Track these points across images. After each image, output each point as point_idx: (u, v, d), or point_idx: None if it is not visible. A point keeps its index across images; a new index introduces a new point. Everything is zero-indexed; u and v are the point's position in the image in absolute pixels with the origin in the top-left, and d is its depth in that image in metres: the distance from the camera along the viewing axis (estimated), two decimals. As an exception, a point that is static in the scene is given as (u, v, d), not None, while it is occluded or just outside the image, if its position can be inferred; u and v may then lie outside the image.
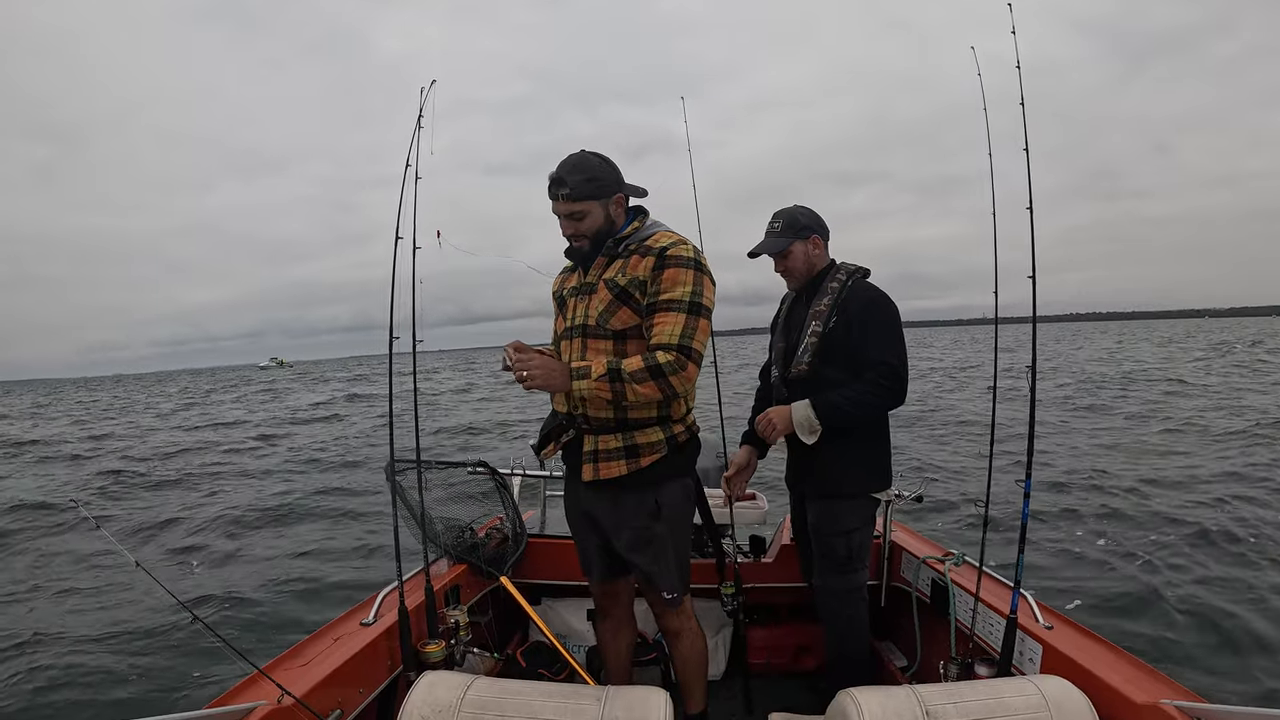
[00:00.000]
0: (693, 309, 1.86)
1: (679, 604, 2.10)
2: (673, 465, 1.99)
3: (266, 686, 1.59)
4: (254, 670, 1.64)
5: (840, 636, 2.35)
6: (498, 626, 2.70)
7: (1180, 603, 4.44)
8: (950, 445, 10.09)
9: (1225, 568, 5.06)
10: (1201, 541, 5.61)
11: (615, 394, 1.84)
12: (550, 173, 1.92)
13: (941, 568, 2.43)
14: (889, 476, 2.35)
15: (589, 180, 1.90)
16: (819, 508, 2.34)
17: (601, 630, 2.33)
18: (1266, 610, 4.28)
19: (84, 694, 3.70)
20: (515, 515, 2.89)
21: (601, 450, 1.95)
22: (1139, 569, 5.09)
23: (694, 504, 2.13)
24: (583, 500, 2.07)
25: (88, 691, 3.72)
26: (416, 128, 2.09)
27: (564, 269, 2.16)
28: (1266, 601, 4.40)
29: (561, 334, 2.05)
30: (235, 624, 4.49)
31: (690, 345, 1.84)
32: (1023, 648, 1.96)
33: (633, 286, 1.89)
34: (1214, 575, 4.94)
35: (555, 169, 1.91)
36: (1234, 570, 5.00)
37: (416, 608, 2.11)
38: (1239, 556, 5.26)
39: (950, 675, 2.11)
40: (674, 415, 1.99)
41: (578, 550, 2.21)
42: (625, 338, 1.92)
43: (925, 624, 2.54)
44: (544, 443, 2.09)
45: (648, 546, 2.00)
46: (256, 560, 5.94)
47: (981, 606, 2.17)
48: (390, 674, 2.00)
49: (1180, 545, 5.54)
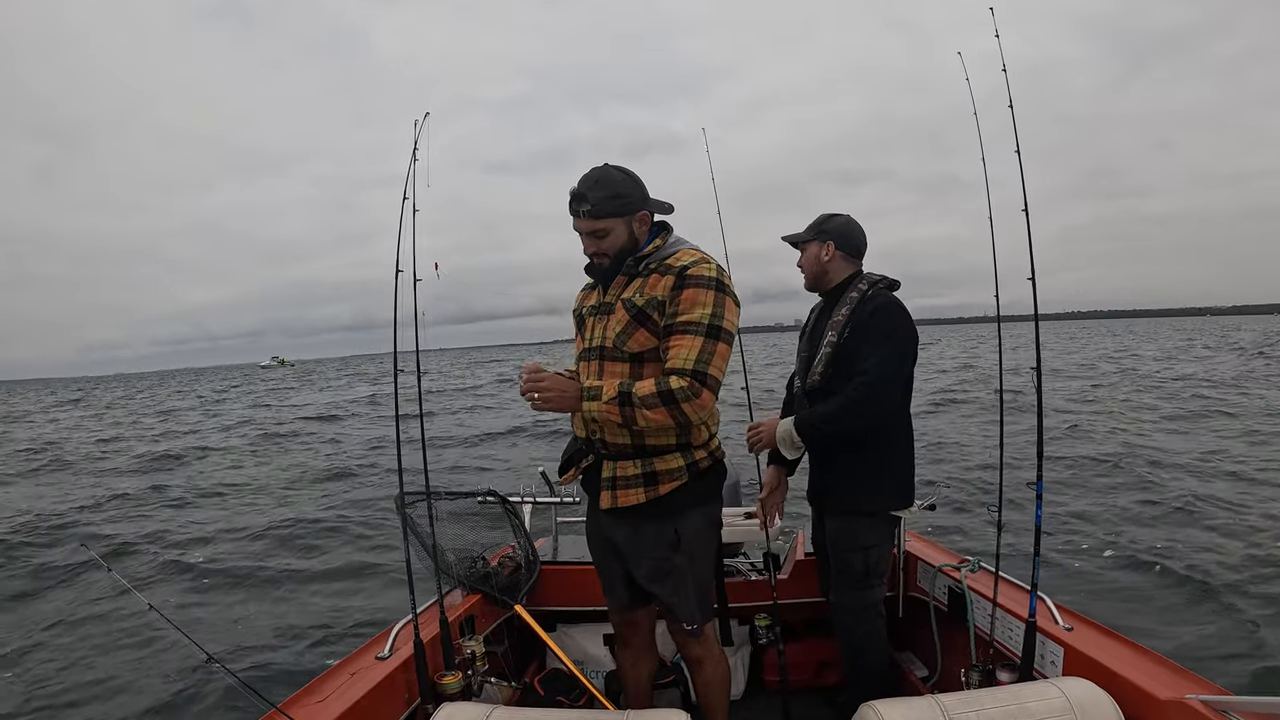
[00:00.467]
0: (711, 332, 1.76)
1: (699, 634, 2.03)
2: (694, 493, 1.91)
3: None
4: (271, 708, 1.63)
5: (857, 652, 2.33)
6: (514, 655, 2.68)
7: (1204, 596, 4.40)
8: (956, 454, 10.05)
9: (1245, 557, 5.02)
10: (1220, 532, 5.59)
11: (625, 418, 1.76)
12: (571, 188, 1.83)
13: (958, 575, 2.41)
14: (910, 494, 2.31)
15: (612, 197, 1.81)
16: (837, 524, 2.33)
17: (622, 658, 2.30)
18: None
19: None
20: (527, 543, 2.88)
21: (620, 477, 1.89)
22: (1157, 565, 5.04)
23: (718, 531, 2.05)
24: (603, 527, 2.03)
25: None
26: (412, 161, 2.09)
27: (585, 286, 2.09)
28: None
29: (580, 355, 1.99)
30: (250, 660, 4.48)
31: (706, 371, 1.74)
32: (1044, 650, 1.94)
33: (650, 307, 1.81)
34: (1234, 563, 4.90)
35: (577, 184, 1.82)
36: (1254, 560, 4.95)
37: (432, 639, 2.10)
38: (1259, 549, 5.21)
39: (972, 682, 2.09)
40: (695, 441, 1.91)
41: (600, 577, 2.16)
42: (643, 360, 1.84)
43: (944, 632, 2.52)
44: (565, 468, 2.06)
45: (668, 577, 1.94)
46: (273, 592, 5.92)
47: (1000, 611, 2.16)
48: (408, 707, 1.99)
49: (1199, 537, 5.51)
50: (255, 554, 6.96)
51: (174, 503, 9.67)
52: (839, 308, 2.27)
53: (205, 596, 5.90)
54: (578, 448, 2.01)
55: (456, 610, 2.39)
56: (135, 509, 9.30)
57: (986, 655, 2.17)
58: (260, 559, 6.77)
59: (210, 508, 9.32)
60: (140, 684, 4.20)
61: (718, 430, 2.02)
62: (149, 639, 4.79)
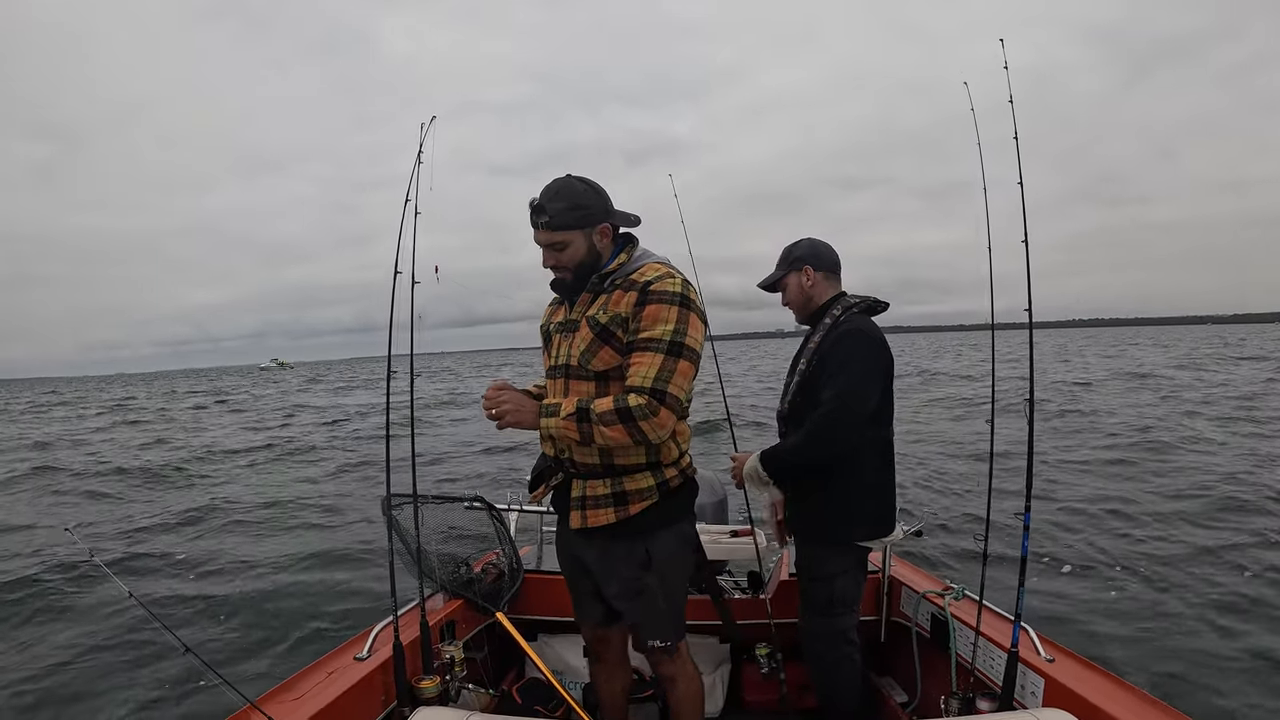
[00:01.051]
0: (673, 350, 1.73)
1: (673, 652, 2.01)
2: (665, 512, 1.89)
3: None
4: (246, 703, 1.62)
5: (827, 679, 2.30)
6: (493, 662, 2.66)
7: (1186, 631, 4.40)
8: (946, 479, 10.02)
9: (1235, 592, 5.01)
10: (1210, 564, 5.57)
11: (583, 435, 1.74)
12: (531, 198, 1.81)
13: (941, 602, 2.41)
14: (883, 524, 2.26)
15: (572, 208, 1.78)
16: (803, 551, 2.32)
17: (596, 673, 2.28)
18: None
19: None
20: (512, 551, 2.87)
21: (589, 496, 1.87)
22: (1142, 597, 5.03)
23: (691, 549, 2.03)
24: (572, 546, 2.02)
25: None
26: (416, 163, 2.08)
27: (551, 302, 2.07)
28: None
29: (547, 373, 1.97)
30: (229, 652, 4.45)
31: (665, 389, 1.71)
32: (1024, 681, 1.94)
33: (614, 324, 1.78)
34: (1224, 602, 4.89)
35: (538, 194, 1.81)
36: (1244, 595, 4.94)
37: (411, 643, 2.09)
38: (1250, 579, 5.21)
39: (951, 710, 2.08)
40: (665, 459, 1.88)
41: (571, 593, 2.16)
42: (608, 379, 1.81)
43: (925, 659, 2.51)
44: (535, 484, 2.04)
45: (638, 596, 1.92)
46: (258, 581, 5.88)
47: (982, 640, 2.15)
48: (384, 709, 1.98)
49: (1190, 569, 5.50)
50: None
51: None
52: (815, 334, 2.27)
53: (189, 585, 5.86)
54: (546, 465, 1.99)
55: (438, 615, 2.38)
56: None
57: (967, 683, 2.16)
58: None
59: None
60: (115, 674, 4.16)
61: (688, 448, 1.99)
62: (128, 629, 4.75)
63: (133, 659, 4.35)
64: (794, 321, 2.42)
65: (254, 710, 1.60)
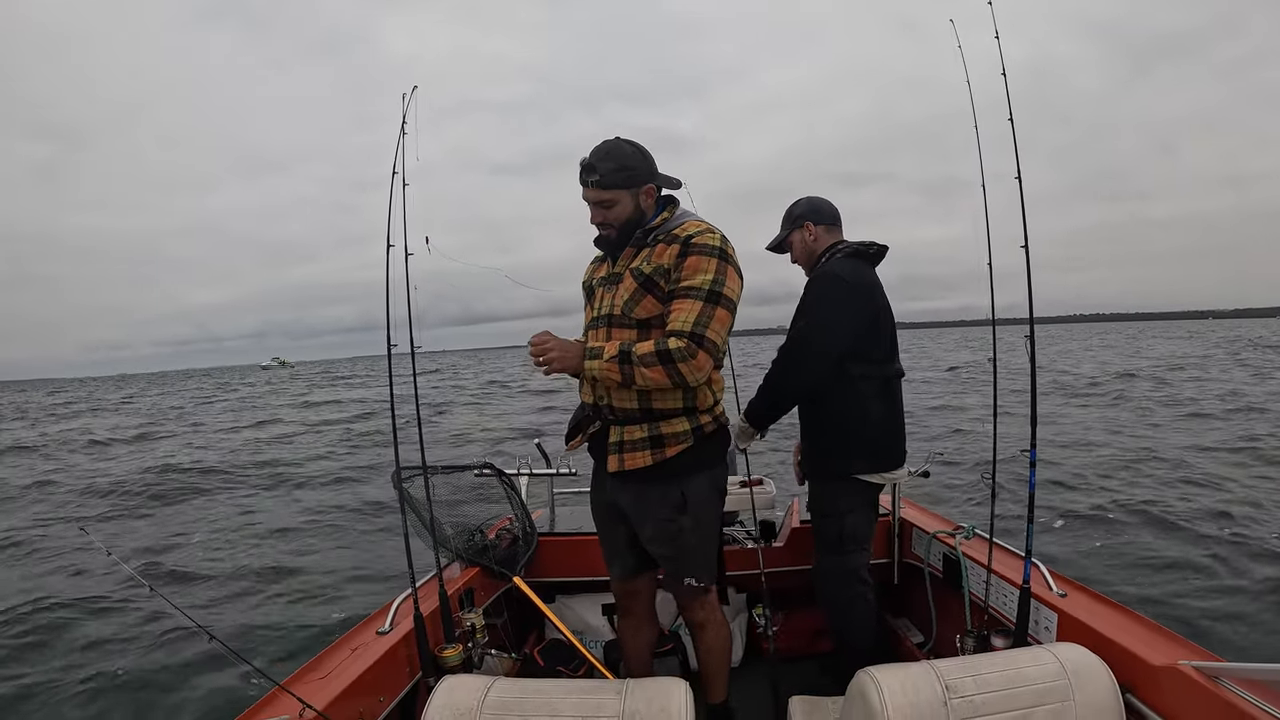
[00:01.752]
0: (711, 297, 1.81)
1: (706, 593, 2.08)
2: (699, 456, 1.96)
3: (288, 701, 1.59)
4: (274, 685, 1.64)
5: (841, 618, 2.35)
6: (513, 627, 2.70)
7: (1196, 565, 4.45)
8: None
9: (1238, 527, 5.07)
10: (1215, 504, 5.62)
11: (625, 375, 1.82)
12: (582, 158, 1.89)
13: (952, 542, 2.43)
14: (881, 458, 2.28)
15: (620, 169, 1.87)
16: (812, 489, 2.38)
17: (623, 628, 2.33)
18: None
19: (98, 715, 3.72)
20: (524, 515, 2.89)
21: (627, 441, 1.94)
22: (1153, 531, 5.09)
23: (722, 494, 2.09)
24: (608, 491, 2.06)
25: (102, 712, 3.73)
26: (401, 134, 2.07)
27: (594, 259, 2.14)
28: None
29: (589, 324, 2.05)
30: (251, 638, 4.51)
31: (703, 334, 1.79)
32: (1038, 616, 1.97)
33: (657, 274, 1.87)
34: (1230, 536, 4.95)
35: (589, 154, 1.88)
36: (1248, 531, 5.00)
37: (432, 613, 2.11)
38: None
39: (967, 649, 2.11)
40: (700, 406, 1.96)
41: (602, 545, 2.20)
42: (650, 327, 1.90)
43: (939, 599, 2.55)
44: (572, 434, 2.10)
45: (674, 539, 1.99)
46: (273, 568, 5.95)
47: (994, 578, 2.18)
48: (410, 680, 2.01)
49: (1193, 507, 5.55)
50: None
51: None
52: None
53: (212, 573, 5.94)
54: (585, 414, 2.05)
55: (455, 584, 2.40)
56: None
57: (981, 621, 2.20)
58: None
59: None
60: (141, 664, 4.22)
61: (722, 396, 2.06)
62: (151, 619, 4.82)
63: (157, 649, 4.42)
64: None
65: (282, 692, 1.62)
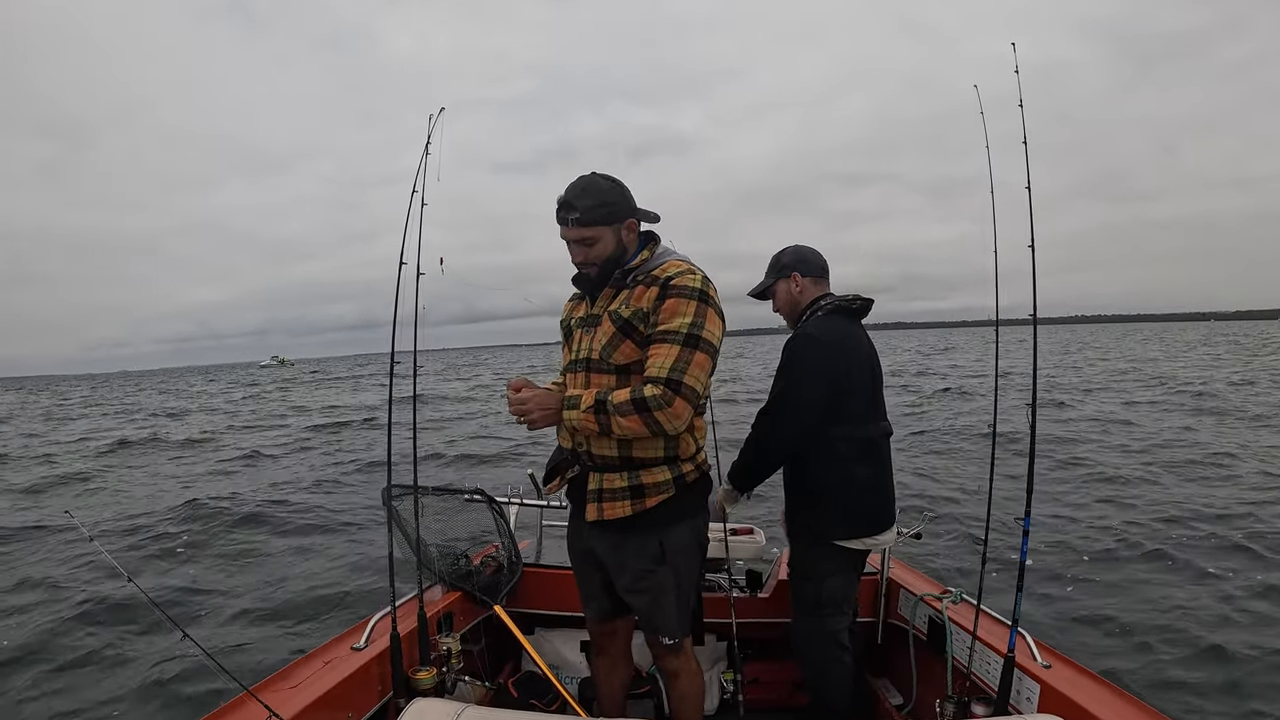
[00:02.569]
0: (689, 341, 1.75)
1: (679, 647, 2.02)
2: (680, 506, 1.91)
3: (254, 708, 1.57)
4: (242, 690, 1.62)
5: (817, 679, 2.30)
6: (490, 655, 2.67)
7: (1183, 642, 4.38)
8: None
9: (1235, 600, 4.99)
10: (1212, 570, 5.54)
11: (601, 425, 1.77)
12: (558, 196, 1.84)
13: (939, 605, 2.41)
14: (863, 524, 2.20)
15: (599, 205, 1.81)
16: (791, 550, 2.34)
17: (597, 666, 2.28)
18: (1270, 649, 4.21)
19: (65, 704, 3.65)
20: (511, 544, 2.87)
21: (606, 489, 1.88)
22: (1142, 605, 5.01)
23: (703, 545, 2.04)
24: (586, 538, 2.02)
25: (67, 706, 3.66)
26: (424, 154, 2.09)
27: (572, 297, 2.09)
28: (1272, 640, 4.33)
29: (566, 367, 2.00)
30: (225, 640, 4.45)
31: (680, 379, 1.72)
32: (1020, 686, 1.94)
33: (636, 319, 1.81)
34: (1221, 610, 4.87)
35: (564, 192, 1.83)
36: (1241, 605, 4.92)
37: (409, 634, 2.09)
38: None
39: (946, 714, 2.08)
40: (682, 454, 1.90)
41: (579, 585, 2.16)
42: (629, 372, 1.83)
43: (922, 662, 2.51)
44: (550, 477, 2.05)
45: (650, 590, 1.94)
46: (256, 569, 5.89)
47: (979, 645, 2.15)
48: (380, 699, 1.98)
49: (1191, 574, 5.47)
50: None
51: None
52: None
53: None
54: (563, 457, 2.00)
55: (436, 606, 2.38)
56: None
57: (963, 688, 2.16)
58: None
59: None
60: (110, 658, 4.17)
61: (704, 443, 2.01)
62: (126, 614, 4.77)
63: (128, 643, 4.36)
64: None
65: (250, 698, 1.60)
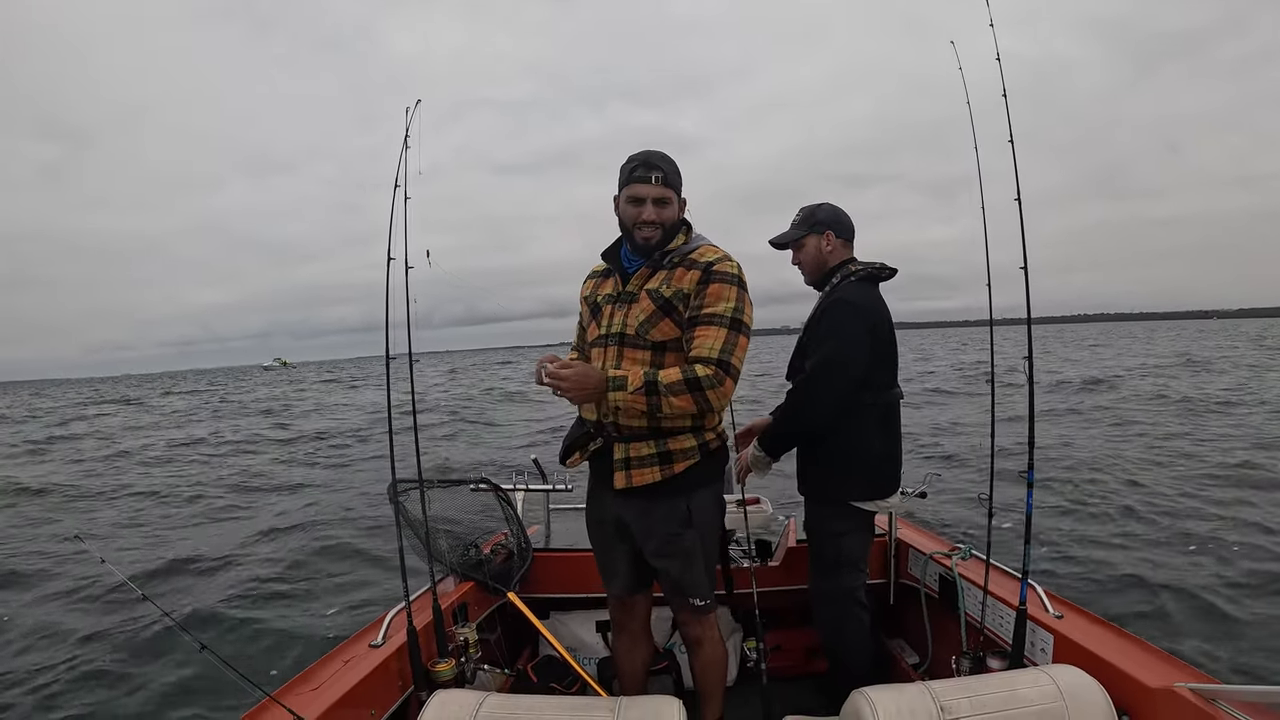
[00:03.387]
0: (734, 325, 1.85)
1: (709, 610, 2.08)
2: (705, 472, 1.98)
3: (278, 712, 1.58)
4: (264, 696, 1.63)
5: (836, 639, 2.33)
6: (507, 642, 2.68)
7: (1192, 586, 4.44)
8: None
9: (1236, 548, 5.05)
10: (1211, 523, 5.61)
11: (650, 406, 1.82)
12: (638, 155, 1.92)
13: (949, 562, 2.43)
14: (883, 486, 2.26)
15: (677, 172, 1.94)
16: (808, 510, 2.36)
17: (618, 645, 2.31)
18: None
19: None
20: (520, 530, 2.88)
21: (634, 457, 1.93)
22: (1149, 554, 5.08)
23: (723, 511, 2.11)
24: (611, 508, 2.04)
25: None
26: (403, 148, 2.08)
27: (594, 274, 2.14)
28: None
29: (594, 341, 2.03)
30: (242, 648, 4.47)
31: (729, 360, 1.83)
32: (1034, 638, 1.96)
33: (677, 299, 1.89)
34: (1224, 555, 4.93)
35: (640, 155, 1.92)
36: (1245, 551, 4.99)
37: (425, 627, 2.10)
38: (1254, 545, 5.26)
39: (963, 670, 2.10)
40: (707, 423, 1.98)
41: (599, 562, 2.19)
42: (664, 349, 1.91)
43: (935, 620, 2.53)
44: (569, 452, 2.07)
45: (679, 553, 1.99)
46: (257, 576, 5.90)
47: (991, 599, 2.17)
48: (402, 694, 1.99)
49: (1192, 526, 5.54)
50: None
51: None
52: (817, 303, 2.31)
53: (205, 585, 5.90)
54: (584, 431, 2.02)
55: (449, 598, 2.39)
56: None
57: (977, 643, 2.18)
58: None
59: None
60: (131, 673, 4.19)
61: (723, 414, 2.07)
62: (140, 625, 4.78)
63: (147, 658, 4.38)
64: (800, 319, 2.43)
65: (273, 703, 1.61)
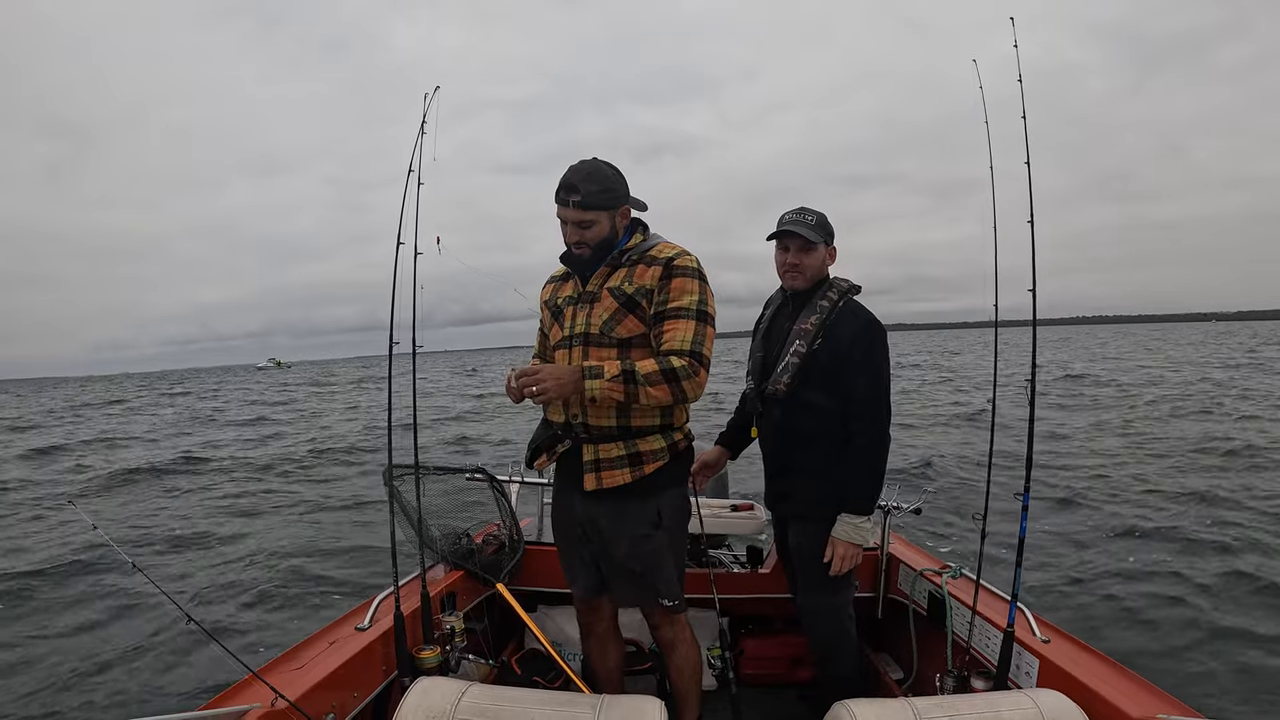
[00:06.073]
0: (701, 317, 1.89)
1: (680, 611, 2.08)
2: (673, 473, 2.00)
3: (260, 689, 1.58)
4: (248, 673, 1.63)
5: (827, 653, 2.32)
6: (493, 633, 2.69)
7: (1178, 617, 4.43)
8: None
9: (1226, 580, 5.04)
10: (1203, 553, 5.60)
11: (628, 395, 1.83)
12: (562, 176, 1.90)
13: (939, 580, 2.42)
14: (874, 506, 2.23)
15: (602, 191, 1.89)
16: (798, 529, 2.30)
17: (588, 648, 2.31)
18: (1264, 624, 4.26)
19: (77, 696, 3.69)
20: (512, 522, 2.88)
21: (604, 459, 1.94)
22: (1138, 581, 5.07)
23: (690, 513, 2.11)
24: (579, 510, 2.04)
25: (80, 693, 3.70)
26: (420, 133, 2.08)
27: (552, 277, 2.15)
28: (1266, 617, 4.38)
29: (558, 344, 2.03)
30: (232, 624, 4.48)
31: (701, 351, 1.87)
32: (1019, 661, 1.96)
33: (639, 295, 1.91)
34: (1216, 587, 4.92)
35: (567, 173, 1.89)
36: (1234, 582, 4.98)
37: (412, 613, 2.10)
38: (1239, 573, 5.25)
39: (946, 688, 2.10)
40: (675, 423, 2.01)
41: (563, 564, 2.19)
42: (630, 346, 1.92)
43: (922, 636, 2.53)
44: (535, 455, 2.07)
45: (649, 554, 1.99)
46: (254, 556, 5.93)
47: (978, 619, 2.17)
48: (385, 679, 2.00)
49: (1183, 557, 5.53)
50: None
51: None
52: (807, 313, 2.21)
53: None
54: (551, 433, 2.02)
55: (438, 586, 2.39)
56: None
57: (963, 662, 2.18)
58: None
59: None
60: (118, 645, 4.20)
61: (690, 414, 2.10)
62: (131, 598, 4.80)
63: (136, 630, 4.40)
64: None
65: (256, 680, 1.61)
